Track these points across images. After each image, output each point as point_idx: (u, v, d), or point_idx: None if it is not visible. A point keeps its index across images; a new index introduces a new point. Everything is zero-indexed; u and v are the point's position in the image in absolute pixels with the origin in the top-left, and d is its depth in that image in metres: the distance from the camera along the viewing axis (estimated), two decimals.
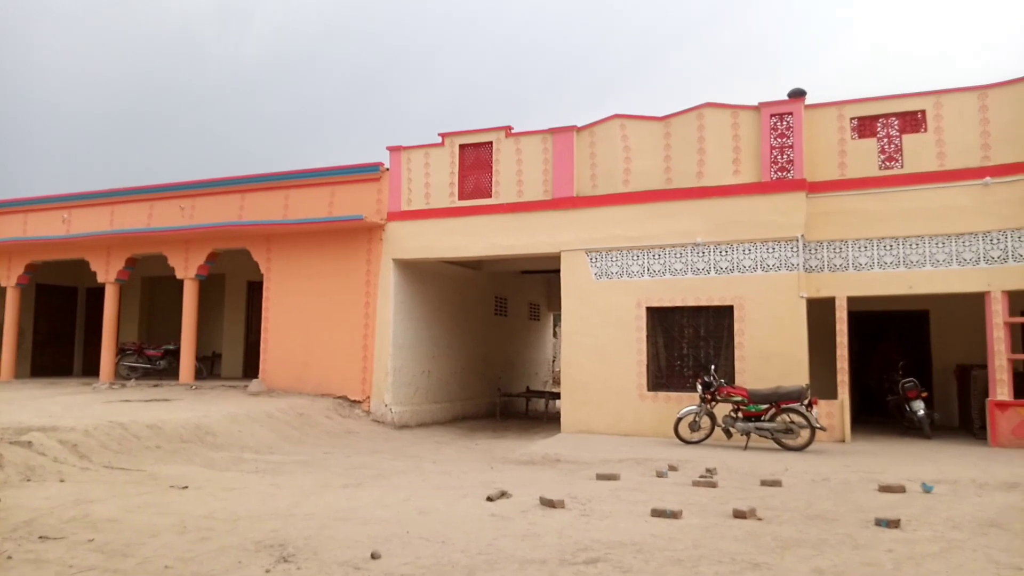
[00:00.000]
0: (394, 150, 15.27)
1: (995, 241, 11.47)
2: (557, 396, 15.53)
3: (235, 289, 20.05)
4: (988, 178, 11.48)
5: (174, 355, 17.98)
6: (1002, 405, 11.24)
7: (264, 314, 16.09)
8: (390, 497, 7.48)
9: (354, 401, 14.89)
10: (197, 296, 16.91)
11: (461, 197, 14.67)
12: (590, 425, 13.09)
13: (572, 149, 13.83)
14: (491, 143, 14.54)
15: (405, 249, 14.93)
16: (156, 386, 16.39)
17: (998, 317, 11.36)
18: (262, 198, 16.37)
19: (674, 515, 6.45)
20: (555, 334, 23.87)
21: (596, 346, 13.25)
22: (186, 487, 7.77)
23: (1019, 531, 6.04)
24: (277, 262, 16.02)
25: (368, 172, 15.47)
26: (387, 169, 15.33)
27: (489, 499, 7.18)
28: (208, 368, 19.25)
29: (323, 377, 15.17)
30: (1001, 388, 11.28)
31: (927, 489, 7.67)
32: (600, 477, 8.55)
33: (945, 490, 7.79)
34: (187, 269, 16.74)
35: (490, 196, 14.44)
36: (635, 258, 13.23)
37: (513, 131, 14.43)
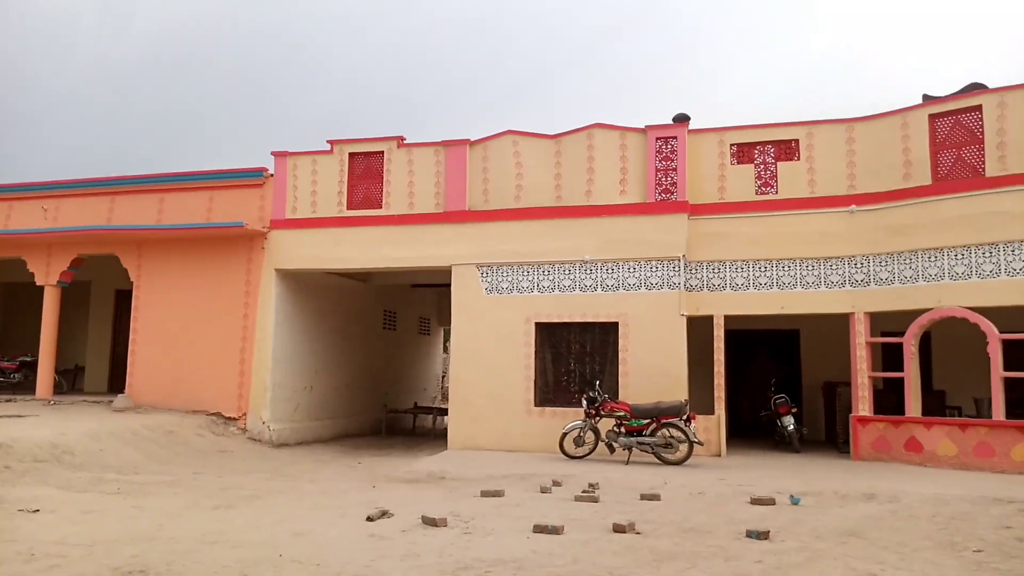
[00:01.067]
0: (279, 155, 14.76)
1: (859, 265, 12.22)
2: (445, 412, 15.35)
3: (102, 297, 18.79)
4: (853, 206, 12.24)
5: (31, 367, 16.64)
6: (863, 420, 11.94)
7: (133, 324, 15.14)
8: (264, 519, 7.12)
9: (229, 418, 14.19)
10: (59, 304, 15.75)
11: (350, 207, 14.34)
12: (477, 441, 13.00)
13: (465, 163, 13.80)
14: (382, 153, 14.30)
15: (289, 259, 14.42)
16: (9, 401, 15.09)
17: (861, 337, 12.08)
18: (134, 201, 15.45)
19: (556, 531, 6.44)
20: (446, 349, 23.70)
21: (485, 361, 13.19)
22: (37, 510, 7.14)
23: (875, 539, 6.38)
24: (149, 270, 15.13)
25: (251, 177, 14.88)
26: (271, 175, 14.80)
27: (369, 519, 6.95)
28: (70, 382, 17.93)
29: (196, 393, 14.39)
30: (863, 404, 11.99)
31: (795, 501, 8.01)
32: (485, 494, 8.46)
33: (811, 502, 8.15)
34: (48, 275, 15.56)
35: (380, 207, 14.18)
36: (525, 274, 13.30)
37: (405, 141, 14.25)
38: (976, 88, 11.72)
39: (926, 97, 12.22)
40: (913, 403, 11.57)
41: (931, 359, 13.99)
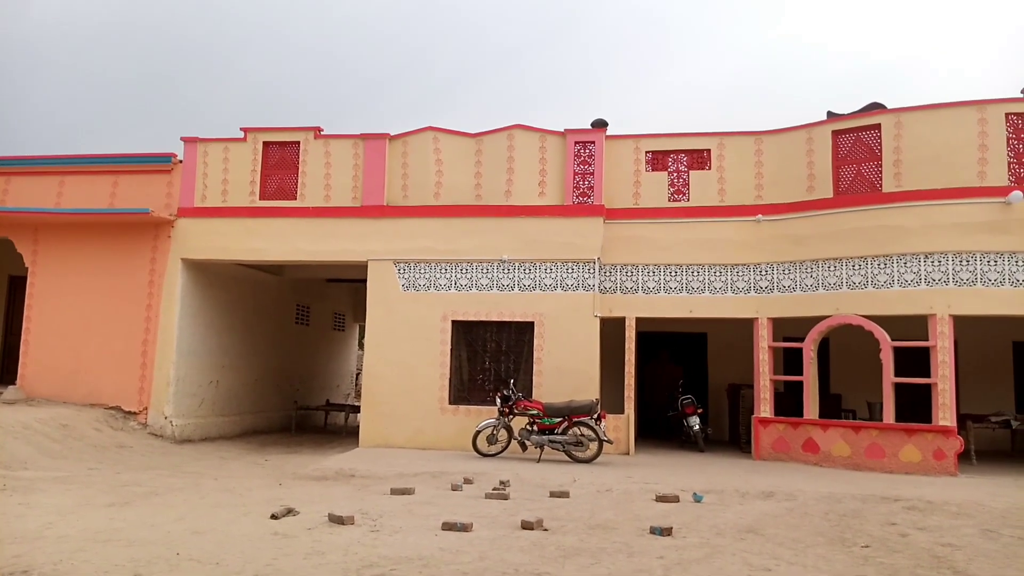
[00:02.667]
0: (189, 141, 14.24)
1: (764, 272, 12.71)
2: (358, 409, 15.13)
3: None
4: (760, 215, 12.73)
5: None
6: (764, 421, 12.43)
7: (27, 313, 14.32)
8: (161, 516, 6.86)
9: (129, 412, 13.61)
10: None
11: (263, 197, 13.96)
12: (390, 439, 12.87)
13: (384, 157, 13.64)
14: (298, 143, 13.98)
15: (197, 249, 13.93)
16: None
17: (764, 341, 12.57)
18: (31, 183, 14.61)
19: (464, 528, 6.45)
20: (361, 345, 23.35)
21: (400, 358, 13.08)
22: None
23: (772, 535, 6.65)
24: (46, 256, 14.34)
25: (158, 163, 14.30)
26: (180, 161, 14.26)
27: (273, 517, 6.79)
28: None
29: (95, 385, 13.72)
30: (764, 406, 12.48)
31: (698, 499, 8.27)
32: (394, 492, 8.39)
33: (713, 499, 8.43)
34: None
35: (295, 198, 13.86)
36: (443, 271, 13.25)
37: (323, 132, 13.98)
38: (876, 107, 12.37)
39: (830, 114, 12.82)
40: (811, 406, 12.11)
41: (829, 364, 14.68)
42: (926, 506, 8.24)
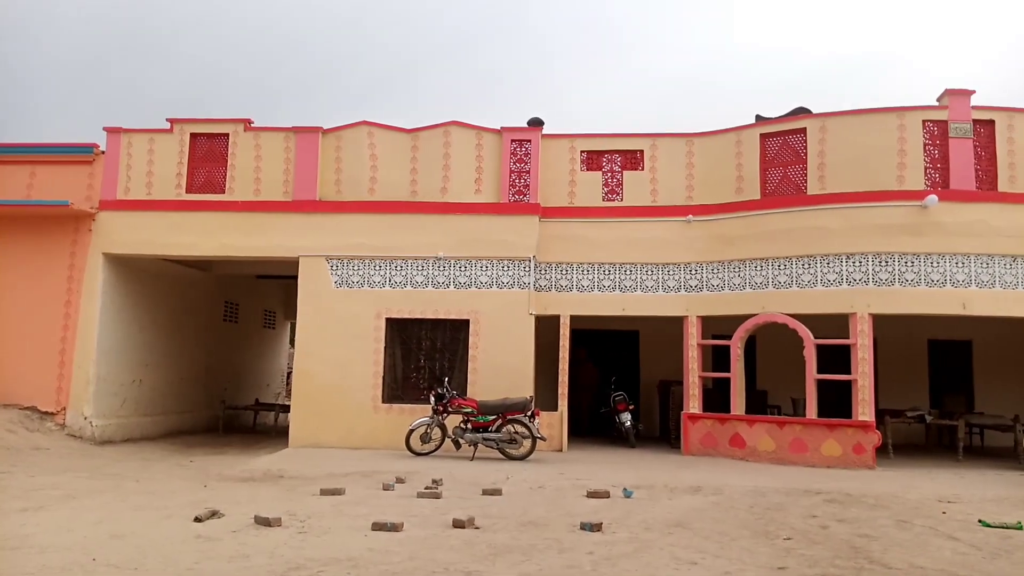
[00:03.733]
0: (112, 131, 13.70)
1: (694, 272, 12.98)
2: (289, 409, 14.82)
3: None
4: (690, 216, 12.98)
5: None
6: (693, 417, 12.69)
7: None
8: (78, 520, 6.60)
9: (46, 413, 13.02)
10: None
11: (190, 190, 13.53)
12: (321, 439, 12.65)
13: (317, 151, 13.39)
14: (227, 135, 13.60)
15: (119, 243, 13.42)
16: None
17: (693, 339, 12.84)
18: None
19: (395, 528, 6.39)
20: (292, 344, 22.90)
21: (332, 356, 12.87)
22: None
23: (699, 529, 6.79)
24: None
25: (79, 153, 13.72)
26: (102, 152, 13.71)
27: (197, 519, 6.60)
28: None
29: (8, 385, 13.08)
30: (693, 402, 12.74)
31: (628, 494, 8.38)
32: (324, 492, 8.25)
33: (643, 495, 8.56)
34: None
35: (223, 192, 13.48)
36: (377, 268, 13.10)
37: (253, 125, 13.65)
38: (801, 112, 12.76)
39: (758, 117, 13.16)
40: (738, 402, 12.42)
41: (756, 361, 15.07)
42: (845, 498, 8.54)
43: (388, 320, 12.98)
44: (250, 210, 13.31)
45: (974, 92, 11.82)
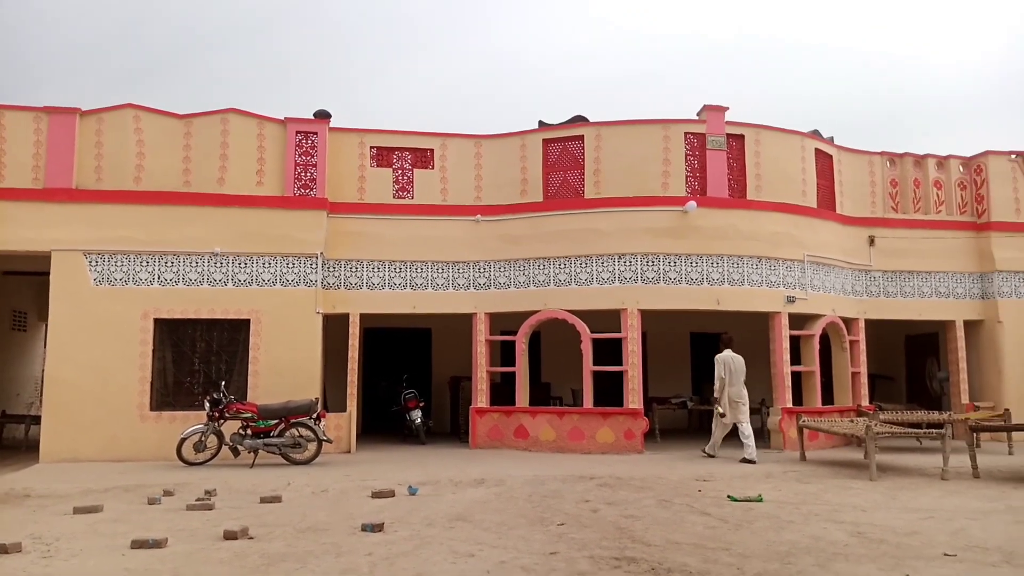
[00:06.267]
0: None
1: (482, 270, 13.28)
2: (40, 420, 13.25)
3: None
4: (479, 216, 13.26)
5: None
6: (481, 411, 13.00)
7: None
8: None
9: None
10: None
11: None
12: (78, 451, 11.43)
13: (74, 134, 12.08)
14: None
15: None
16: None
17: (481, 335, 13.14)
18: None
19: (157, 544, 5.93)
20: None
21: (91, 361, 11.67)
22: None
23: (479, 521, 6.95)
24: None
25: None
26: None
27: None
28: None
29: None
30: (481, 397, 13.05)
31: (413, 491, 8.40)
32: (78, 511, 7.46)
33: (428, 491, 8.62)
34: None
35: None
36: (144, 264, 12.08)
37: None
38: (579, 120, 13.47)
39: (541, 123, 13.73)
40: (522, 394, 12.90)
41: (541, 355, 15.75)
42: (615, 482, 9.16)
43: (157, 321, 12.01)
44: None
45: (728, 108, 13.13)
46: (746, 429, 11.45)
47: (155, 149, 12.35)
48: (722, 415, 11.72)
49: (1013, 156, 14.70)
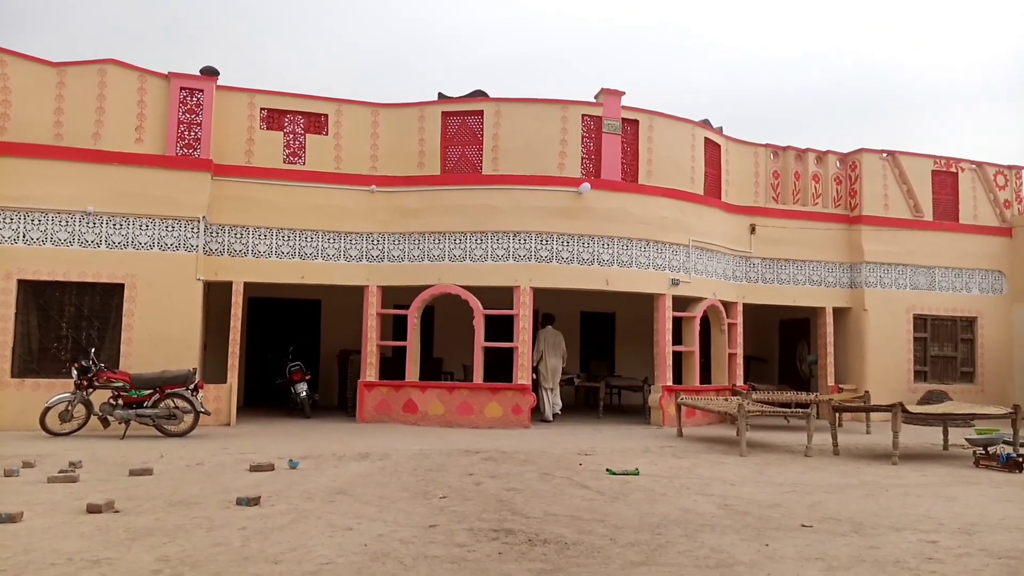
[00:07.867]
0: None
1: (375, 242, 13.06)
2: None
3: None
4: (374, 186, 13.02)
5: None
6: (369, 385, 12.85)
7: None
8: None
9: None
10: None
11: None
12: None
13: None
14: None
15: None
16: None
17: (373, 308, 12.96)
18: None
19: (11, 519, 5.56)
20: None
21: None
22: None
23: (360, 495, 6.88)
24: None
25: None
26: None
27: None
28: None
29: None
30: (370, 370, 12.89)
31: (293, 465, 8.23)
32: None
33: (310, 465, 8.46)
34: None
35: None
36: (7, 221, 11.23)
37: None
38: (479, 95, 13.40)
39: (441, 95, 13.57)
40: (412, 369, 12.84)
41: (434, 330, 15.70)
42: (500, 456, 9.27)
43: (21, 282, 11.22)
44: None
45: (624, 93, 13.37)
46: (555, 397, 13.71)
47: (23, 97, 11.46)
48: (548, 388, 13.58)
49: (885, 155, 15.69)
